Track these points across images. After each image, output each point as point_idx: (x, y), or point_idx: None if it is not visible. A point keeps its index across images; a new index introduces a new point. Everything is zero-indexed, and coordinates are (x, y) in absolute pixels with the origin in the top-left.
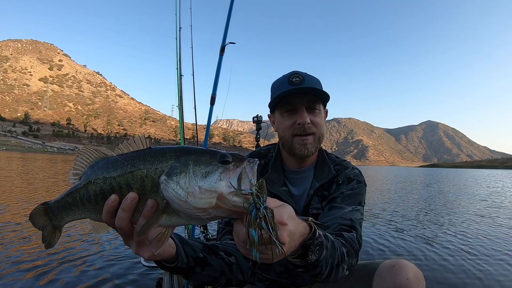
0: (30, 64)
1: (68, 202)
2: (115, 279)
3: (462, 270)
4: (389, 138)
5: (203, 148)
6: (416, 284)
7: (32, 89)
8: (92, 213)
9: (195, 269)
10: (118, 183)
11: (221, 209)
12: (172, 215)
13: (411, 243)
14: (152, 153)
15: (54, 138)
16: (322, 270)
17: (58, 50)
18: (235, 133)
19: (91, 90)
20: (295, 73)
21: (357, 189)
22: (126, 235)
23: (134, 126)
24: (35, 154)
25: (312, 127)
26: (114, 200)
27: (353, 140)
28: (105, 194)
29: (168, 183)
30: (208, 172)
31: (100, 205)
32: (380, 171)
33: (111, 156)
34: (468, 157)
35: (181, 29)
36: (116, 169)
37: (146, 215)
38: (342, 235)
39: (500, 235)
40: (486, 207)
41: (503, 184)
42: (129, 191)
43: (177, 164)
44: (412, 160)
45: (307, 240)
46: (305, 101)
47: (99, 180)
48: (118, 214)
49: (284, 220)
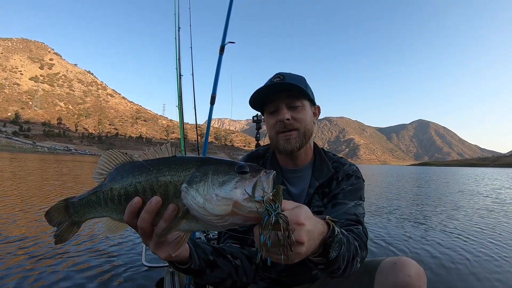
0: (21, 63)
1: (92, 200)
2: (116, 279)
3: (464, 266)
4: (380, 137)
5: (223, 159)
6: (418, 281)
7: (23, 89)
8: (114, 212)
9: (206, 270)
10: (143, 186)
11: (237, 216)
12: (191, 221)
13: (411, 240)
14: (177, 161)
15: (45, 138)
16: (340, 265)
17: (49, 49)
18: (226, 132)
19: (82, 89)
20: (278, 74)
21: (356, 184)
22: (146, 235)
23: (126, 125)
24: (26, 154)
25: (294, 123)
26: (138, 202)
27: (345, 139)
28: (129, 196)
29: (188, 190)
30: (225, 181)
31: (123, 206)
32: (372, 169)
33: (138, 161)
34: (459, 156)
35: (180, 29)
36: (142, 173)
37: (167, 218)
38: (351, 229)
39: (502, 231)
40: (490, 203)
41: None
42: (152, 195)
43: (198, 173)
44: (403, 158)
45: (327, 238)
46: (284, 97)
47: (125, 182)
48: (141, 216)
49: (301, 221)
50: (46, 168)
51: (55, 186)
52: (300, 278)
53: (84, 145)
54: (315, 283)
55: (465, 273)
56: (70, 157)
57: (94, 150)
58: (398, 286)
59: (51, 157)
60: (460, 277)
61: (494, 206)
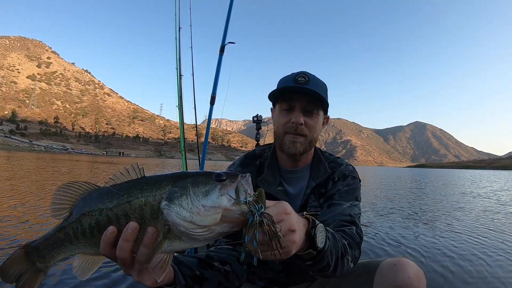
0: (18, 62)
1: (60, 239)
2: (115, 280)
3: (464, 267)
4: (377, 139)
5: (196, 171)
6: (417, 282)
7: (20, 87)
8: (87, 247)
9: (193, 287)
10: (115, 214)
11: (226, 223)
12: (174, 240)
13: (410, 241)
14: (148, 181)
15: (41, 136)
16: (329, 262)
17: (46, 47)
18: (223, 133)
19: (79, 88)
20: (302, 73)
21: (352, 185)
22: (127, 264)
23: (122, 125)
24: (23, 153)
25: (304, 129)
26: (113, 231)
27: (342, 140)
28: (102, 226)
29: (170, 207)
30: (207, 190)
31: (97, 238)
32: (369, 171)
33: (104, 187)
34: (456, 158)
35: (180, 29)
36: (112, 199)
37: (147, 242)
38: (343, 230)
39: (502, 233)
40: (489, 205)
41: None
42: (127, 221)
43: (176, 189)
44: (400, 160)
45: (309, 229)
46: (303, 101)
47: (95, 212)
48: (119, 245)
49: (288, 210)
50: (46, 167)
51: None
52: (298, 278)
53: (80, 144)
54: (314, 283)
55: (465, 274)
56: (67, 156)
57: (91, 149)
58: (397, 287)
59: (48, 156)
60: (460, 278)
61: (493, 207)
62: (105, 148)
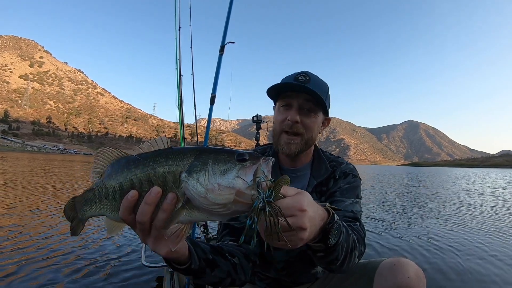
0: (10, 61)
1: (88, 198)
2: (115, 279)
3: (464, 267)
4: (370, 137)
5: (221, 148)
6: (417, 282)
7: (12, 87)
8: (108, 210)
9: (205, 270)
10: (139, 179)
11: (240, 203)
12: (192, 211)
13: (409, 241)
14: (174, 151)
15: (34, 137)
16: (338, 256)
17: (39, 47)
18: (217, 132)
19: (72, 88)
20: (304, 72)
21: (353, 183)
22: (145, 230)
23: (116, 124)
24: (15, 153)
25: (300, 128)
26: (134, 195)
27: (335, 139)
28: (124, 191)
29: (188, 180)
30: (226, 169)
31: (118, 202)
32: (363, 169)
33: (132, 155)
34: (449, 156)
35: (180, 29)
36: (138, 166)
37: (166, 208)
38: (349, 225)
39: (501, 231)
40: (486, 202)
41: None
42: (150, 187)
43: (197, 162)
44: (393, 159)
45: (327, 224)
46: (301, 99)
47: (120, 177)
48: (140, 209)
49: (303, 207)
50: (46, 167)
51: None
52: (300, 277)
53: (73, 144)
54: (315, 283)
55: (465, 275)
56: (60, 156)
57: (84, 149)
58: (397, 287)
59: (40, 157)
60: (460, 278)
61: (489, 204)
62: (98, 148)
